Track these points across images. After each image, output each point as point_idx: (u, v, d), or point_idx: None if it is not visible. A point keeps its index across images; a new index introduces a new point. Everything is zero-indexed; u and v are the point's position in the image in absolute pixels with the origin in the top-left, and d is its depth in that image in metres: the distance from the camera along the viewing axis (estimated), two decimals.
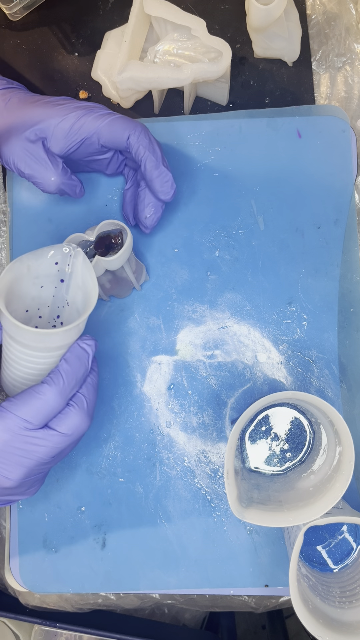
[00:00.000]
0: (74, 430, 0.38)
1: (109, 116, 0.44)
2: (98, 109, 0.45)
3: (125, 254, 0.44)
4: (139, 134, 0.44)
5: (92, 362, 0.41)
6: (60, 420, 0.38)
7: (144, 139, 0.44)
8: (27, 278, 0.41)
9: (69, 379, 0.38)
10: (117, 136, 0.44)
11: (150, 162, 0.45)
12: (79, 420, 0.38)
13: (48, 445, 0.37)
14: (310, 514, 0.40)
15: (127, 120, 0.44)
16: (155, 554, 0.48)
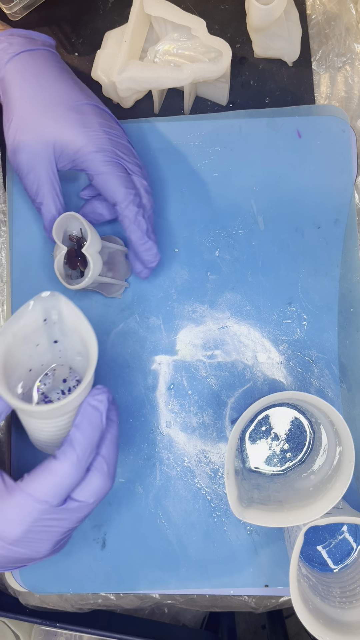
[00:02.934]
0: (96, 497, 0.36)
1: (108, 166, 0.43)
2: (111, 146, 0.43)
3: (95, 266, 0.43)
4: (125, 206, 0.43)
5: (109, 412, 0.38)
6: (81, 490, 0.36)
7: (130, 211, 0.44)
8: (17, 345, 0.38)
9: (83, 449, 0.35)
10: (106, 195, 0.44)
11: (135, 235, 0.45)
12: (100, 485, 0.36)
13: (72, 518, 0.36)
14: (311, 514, 0.40)
15: (119, 185, 0.43)
16: (155, 554, 0.48)
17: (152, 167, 0.51)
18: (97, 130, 0.43)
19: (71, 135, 0.42)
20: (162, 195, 0.51)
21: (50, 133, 0.42)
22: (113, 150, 0.43)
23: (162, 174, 0.51)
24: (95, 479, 0.36)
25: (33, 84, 0.43)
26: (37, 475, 0.35)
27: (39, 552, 0.37)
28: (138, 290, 0.50)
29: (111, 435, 0.38)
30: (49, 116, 0.43)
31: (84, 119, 0.43)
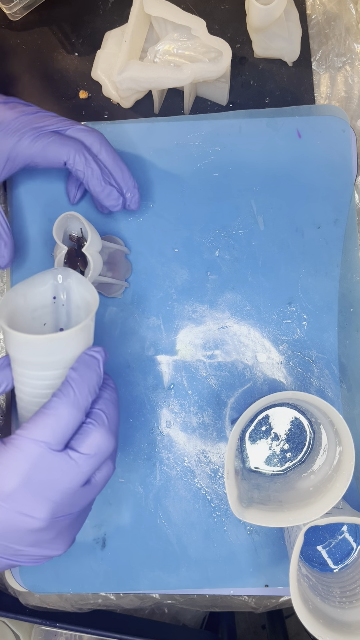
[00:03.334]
0: (97, 449, 0.34)
1: (44, 138, 0.42)
2: (40, 122, 0.43)
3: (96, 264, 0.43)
4: (73, 158, 0.43)
5: (107, 379, 0.38)
6: (80, 440, 0.34)
7: (79, 161, 0.43)
8: (25, 315, 0.39)
9: (80, 387, 0.34)
10: (53, 162, 0.43)
11: (91, 183, 0.44)
12: (100, 438, 0.35)
13: (72, 469, 0.34)
14: (311, 514, 0.40)
15: (61, 143, 0.43)
16: (155, 554, 0.48)
17: (152, 167, 0.51)
18: (4, 128, 0.42)
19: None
20: (162, 195, 0.51)
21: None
22: (30, 126, 0.42)
23: (162, 174, 0.51)
24: (95, 431, 0.35)
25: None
26: (33, 419, 0.34)
27: (34, 516, 0.33)
28: (138, 290, 0.50)
29: (110, 396, 0.37)
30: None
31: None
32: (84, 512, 0.37)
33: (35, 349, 0.35)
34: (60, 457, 0.33)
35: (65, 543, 0.36)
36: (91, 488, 0.36)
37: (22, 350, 0.35)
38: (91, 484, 0.36)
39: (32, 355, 0.35)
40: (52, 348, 0.35)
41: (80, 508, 0.36)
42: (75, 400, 0.34)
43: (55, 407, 0.34)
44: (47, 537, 0.35)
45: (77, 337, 0.36)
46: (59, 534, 0.36)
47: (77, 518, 0.37)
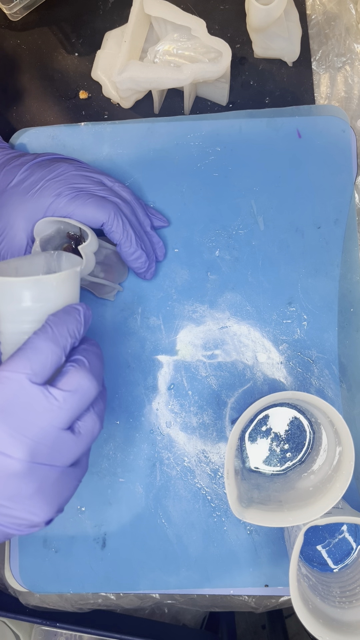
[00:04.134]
0: (77, 386, 0.33)
1: (81, 198, 0.43)
2: (78, 182, 0.44)
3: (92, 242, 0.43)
4: (112, 222, 0.44)
5: (90, 340, 0.37)
6: (59, 379, 0.34)
7: (117, 224, 0.44)
8: None
9: (58, 327, 0.34)
10: (90, 222, 0.44)
11: (125, 247, 0.45)
12: (80, 377, 0.34)
13: (51, 404, 0.32)
14: (310, 514, 0.40)
15: (98, 205, 0.43)
16: (155, 554, 0.48)
17: (152, 167, 0.51)
18: (41, 185, 0.44)
19: (28, 208, 0.43)
20: (162, 195, 0.51)
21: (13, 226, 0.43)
22: (68, 187, 0.43)
23: (162, 174, 0.51)
24: (75, 371, 0.34)
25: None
26: (10, 356, 0.33)
27: (10, 455, 0.32)
28: (138, 290, 0.50)
29: (91, 347, 0.36)
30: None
31: (27, 185, 0.44)
32: (69, 474, 0.35)
33: (16, 293, 0.34)
34: (39, 390, 0.32)
35: (48, 505, 0.34)
36: (74, 438, 0.34)
37: (5, 296, 0.35)
38: (74, 433, 0.34)
39: (14, 301, 0.35)
40: (34, 293, 0.35)
41: (63, 461, 0.34)
42: (54, 336, 0.33)
43: (32, 341, 0.33)
44: (27, 489, 0.33)
45: (59, 287, 0.36)
46: (40, 490, 0.33)
47: (61, 477, 0.34)
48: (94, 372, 0.35)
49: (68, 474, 0.35)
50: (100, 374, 0.36)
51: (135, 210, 0.47)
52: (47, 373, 0.33)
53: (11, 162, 0.45)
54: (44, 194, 0.43)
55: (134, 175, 0.51)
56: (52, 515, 0.34)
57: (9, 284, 0.34)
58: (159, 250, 0.49)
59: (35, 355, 0.33)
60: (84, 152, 0.52)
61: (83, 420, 0.35)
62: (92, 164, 0.51)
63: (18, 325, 0.35)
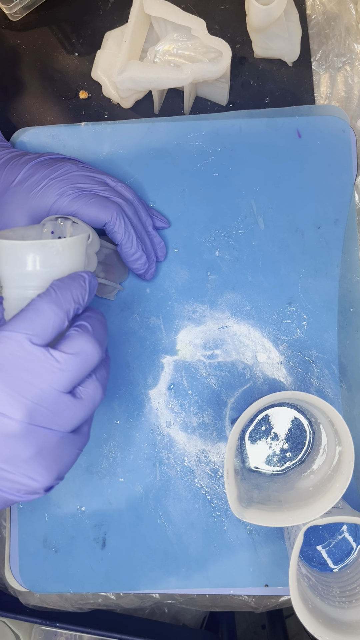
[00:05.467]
0: (79, 349, 0.33)
1: (84, 197, 0.43)
2: (81, 183, 0.44)
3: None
4: (114, 222, 0.44)
5: (95, 309, 0.37)
6: (62, 342, 0.33)
7: (119, 225, 0.44)
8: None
9: (62, 291, 0.34)
10: (92, 222, 0.44)
11: (125, 248, 0.45)
12: (83, 340, 0.33)
13: (51, 365, 0.32)
14: (310, 513, 0.40)
15: (101, 205, 0.43)
16: (155, 554, 0.48)
17: (152, 167, 0.51)
18: (45, 184, 0.44)
19: (31, 207, 0.43)
20: (162, 195, 0.51)
21: (15, 219, 0.43)
22: (71, 186, 0.43)
23: (162, 174, 0.51)
24: (77, 335, 0.34)
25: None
26: (13, 317, 0.33)
27: (8, 416, 0.31)
28: (138, 290, 0.50)
29: (95, 314, 0.36)
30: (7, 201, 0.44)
31: (30, 183, 0.44)
32: (70, 440, 0.34)
33: (21, 257, 0.34)
34: (40, 351, 0.32)
35: (46, 471, 0.33)
36: (76, 403, 0.34)
37: (9, 260, 0.35)
38: (76, 397, 0.34)
39: (18, 265, 0.34)
40: (39, 257, 0.34)
41: (64, 426, 0.33)
42: (57, 299, 0.33)
43: (35, 302, 0.33)
44: (25, 452, 0.32)
45: (65, 253, 0.35)
46: (39, 454, 0.32)
47: (60, 442, 0.34)
48: (97, 337, 0.34)
49: (68, 440, 0.34)
50: (103, 341, 0.35)
51: (138, 211, 0.47)
52: (49, 335, 0.33)
53: (14, 160, 0.45)
54: (47, 193, 0.43)
55: (134, 175, 0.51)
56: (51, 482, 0.34)
57: (14, 248, 0.34)
58: (160, 250, 0.49)
59: (37, 317, 0.32)
60: (84, 152, 0.52)
61: (84, 386, 0.34)
62: (92, 164, 0.51)
63: (22, 290, 0.35)
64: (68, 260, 0.36)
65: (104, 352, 0.35)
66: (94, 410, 0.35)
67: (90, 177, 0.45)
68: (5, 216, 0.43)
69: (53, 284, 0.34)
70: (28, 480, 0.33)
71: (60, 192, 0.43)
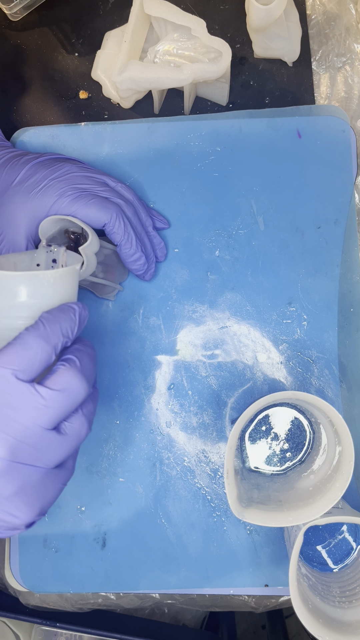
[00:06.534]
0: (65, 385, 0.32)
1: (84, 198, 0.43)
2: (80, 183, 0.44)
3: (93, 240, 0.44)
4: (113, 223, 0.44)
5: (85, 340, 0.36)
6: (48, 378, 0.33)
7: (118, 226, 0.44)
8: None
9: (51, 325, 0.33)
10: (92, 223, 0.43)
11: (125, 249, 0.45)
12: (70, 376, 0.33)
13: (36, 402, 0.31)
14: (310, 513, 0.40)
15: (101, 206, 0.43)
16: (155, 554, 0.48)
17: (152, 167, 0.51)
18: (45, 184, 0.44)
19: (30, 207, 0.43)
20: (162, 195, 0.51)
21: (17, 222, 0.43)
22: (71, 187, 0.43)
23: (162, 174, 0.51)
24: (64, 371, 0.33)
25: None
26: (0, 350, 0.32)
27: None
28: (138, 290, 0.50)
29: (84, 348, 0.35)
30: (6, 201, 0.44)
31: (30, 184, 0.44)
32: (53, 476, 0.34)
33: (12, 288, 0.34)
34: (25, 387, 0.31)
35: (28, 508, 0.33)
36: (60, 439, 0.33)
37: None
38: (60, 434, 0.33)
39: (8, 295, 0.34)
40: (30, 288, 0.34)
41: (47, 462, 0.33)
42: (45, 333, 0.33)
43: (23, 337, 0.32)
44: (7, 488, 0.32)
45: (56, 284, 0.35)
46: (21, 491, 0.32)
47: (44, 479, 0.33)
48: (84, 373, 0.34)
49: (52, 475, 0.34)
50: (91, 376, 0.35)
51: (138, 211, 0.47)
52: (35, 370, 0.32)
53: (14, 160, 0.45)
54: (47, 194, 0.43)
55: (134, 175, 0.51)
56: (33, 518, 0.33)
57: (4, 278, 0.34)
58: (160, 251, 0.49)
59: (23, 351, 0.32)
60: (84, 152, 0.52)
61: (70, 422, 0.34)
62: (92, 164, 0.51)
63: (11, 320, 0.35)
64: (59, 290, 0.35)
65: (91, 387, 0.35)
66: (79, 445, 0.35)
67: (90, 178, 0.45)
68: (5, 216, 0.43)
69: (42, 316, 0.34)
70: (9, 517, 0.33)
71: (60, 192, 0.43)
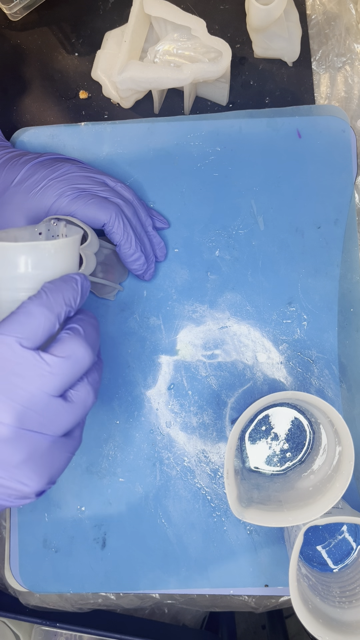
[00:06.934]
0: (70, 352, 0.33)
1: (83, 198, 0.43)
2: (80, 183, 0.44)
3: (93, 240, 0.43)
4: (113, 223, 0.44)
5: (88, 312, 0.37)
6: (53, 345, 0.33)
7: (117, 225, 0.44)
8: None
9: (53, 294, 0.33)
10: (91, 223, 0.43)
11: (124, 249, 0.45)
12: (74, 344, 0.33)
13: (42, 368, 0.31)
14: (310, 513, 0.40)
15: (100, 206, 0.43)
16: (155, 554, 0.48)
17: (152, 167, 0.51)
18: (44, 184, 0.44)
19: (30, 207, 0.43)
20: (162, 195, 0.51)
21: (15, 218, 0.43)
22: (70, 187, 0.43)
23: (162, 174, 0.51)
24: (69, 339, 0.33)
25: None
26: (3, 320, 0.32)
27: (3, 420, 0.31)
28: (138, 290, 0.50)
29: (87, 317, 0.35)
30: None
31: (29, 184, 0.44)
32: (61, 445, 0.34)
33: (13, 259, 0.34)
34: (30, 354, 0.31)
35: (38, 475, 0.33)
36: (67, 407, 0.33)
37: (0, 262, 0.34)
38: (67, 401, 0.33)
39: (9, 266, 0.34)
40: (31, 259, 0.34)
41: (55, 430, 0.33)
42: (48, 302, 0.33)
43: (26, 305, 0.32)
44: (15, 456, 0.32)
45: (57, 255, 0.35)
46: (30, 459, 0.32)
47: (52, 447, 0.33)
48: (88, 341, 0.34)
49: (59, 444, 0.34)
50: (95, 344, 0.35)
51: (137, 211, 0.47)
52: (39, 338, 0.32)
53: (13, 160, 0.45)
54: (46, 194, 0.43)
55: (133, 175, 0.51)
56: (42, 487, 0.33)
57: (5, 249, 0.34)
58: (159, 251, 0.49)
59: (27, 320, 0.32)
60: (84, 152, 0.52)
61: (76, 389, 0.34)
62: (92, 164, 0.51)
63: (13, 292, 0.35)
64: (60, 261, 0.35)
65: (95, 355, 0.35)
66: (86, 413, 0.35)
67: (90, 178, 0.45)
68: (5, 216, 0.43)
69: (44, 286, 0.34)
70: (19, 485, 0.33)
71: (60, 192, 0.43)
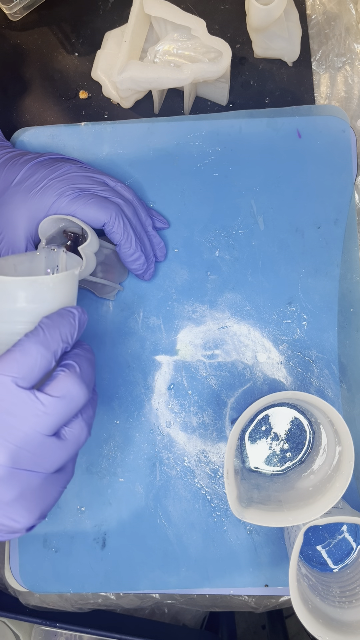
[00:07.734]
0: (65, 392, 0.33)
1: (83, 198, 0.43)
2: (80, 183, 0.44)
3: (93, 240, 0.43)
4: (113, 222, 0.43)
5: (84, 344, 0.37)
6: (48, 384, 0.33)
7: (118, 225, 0.44)
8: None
9: (50, 330, 0.33)
10: (91, 222, 0.43)
11: (124, 248, 0.45)
12: (69, 382, 0.33)
13: (36, 409, 0.31)
14: (310, 513, 0.40)
15: (100, 206, 0.43)
16: (155, 554, 0.48)
17: (152, 167, 0.51)
18: (44, 184, 0.44)
19: (30, 207, 0.43)
20: (162, 195, 0.51)
21: (17, 224, 0.43)
22: (70, 187, 0.43)
23: (162, 174, 0.51)
24: (64, 377, 0.33)
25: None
26: (0, 357, 0.32)
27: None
28: (138, 290, 0.50)
29: (84, 352, 0.35)
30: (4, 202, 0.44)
31: (30, 183, 0.44)
32: (53, 480, 0.34)
33: (11, 293, 0.34)
34: (25, 394, 0.32)
35: (29, 512, 0.33)
36: (60, 445, 0.33)
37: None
38: (60, 439, 0.33)
39: (8, 300, 0.34)
40: (29, 294, 0.34)
41: (47, 467, 0.33)
42: (44, 339, 0.33)
43: (22, 343, 0.32)
44: (7, 494, 0.32)
45: (56, 289, 0.35)
46: (22, 497, 0.32)
47: (44, 483, 0.33)
48: (84, 379, 0.34)
49: (52, 480, 0.34)
50: (91, 381, 0.35)
51: (137, 211, 0.47)
52: (35, 377, 0.33)
53: (13, 160, 0.45)
54: (46, 193, 0.43)
55: (133, 175, 0.51)
56: (33, 522, 0.34)
57: (4, 283, 0.34)
58: (159, 250, 0.49)
59: (23, 358, 0.32)
60: (84, 152, 0.52)
61: (70, 427, 0.34)
62: (92, 164, 0.51)
63: (11, 325, 0.35)
64: (59, 295, 0.35)
65: (90, 393, 0.35)
66: (79, 449, 0.35)
67: (90, 178, 0.45)
68: (5, 216, 0.43)
69: (42, 322, 0.34)
70: (10, 521, 0.33)
71: (60, 192, 0.43)
